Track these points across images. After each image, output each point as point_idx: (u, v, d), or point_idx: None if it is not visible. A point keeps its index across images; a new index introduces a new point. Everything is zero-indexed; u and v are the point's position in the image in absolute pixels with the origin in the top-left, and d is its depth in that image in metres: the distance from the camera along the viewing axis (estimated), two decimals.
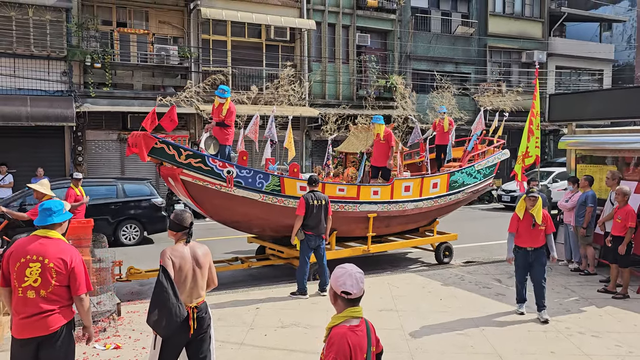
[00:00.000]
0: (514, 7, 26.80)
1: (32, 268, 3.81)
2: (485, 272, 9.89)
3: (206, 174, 8.36)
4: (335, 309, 2.92)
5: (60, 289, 3.89)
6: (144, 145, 7.85)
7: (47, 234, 3.96)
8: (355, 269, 2.86)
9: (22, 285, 3.80)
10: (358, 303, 2.87)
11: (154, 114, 8.05)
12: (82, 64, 17.25)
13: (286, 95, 17.13)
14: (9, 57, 16.40)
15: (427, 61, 24.23)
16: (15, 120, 15.73)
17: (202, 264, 4.26)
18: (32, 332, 3.82)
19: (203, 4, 18.98)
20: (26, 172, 15.81)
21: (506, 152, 12.56)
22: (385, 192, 9.97)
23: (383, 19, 23.11)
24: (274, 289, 8.70)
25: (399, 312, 7.47)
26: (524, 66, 26.93)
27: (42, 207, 4.01)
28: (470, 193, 11.66)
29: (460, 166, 11.51)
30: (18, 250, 3.87)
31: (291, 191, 8.97)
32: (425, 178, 10.66)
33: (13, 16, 16.31)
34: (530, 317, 7.32)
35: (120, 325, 6.78)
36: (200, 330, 4.23)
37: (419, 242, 11.28)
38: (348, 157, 11.97)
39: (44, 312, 3.83)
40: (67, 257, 3.91)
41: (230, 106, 9.03)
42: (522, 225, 7.22)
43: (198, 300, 4.24)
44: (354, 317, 2.84)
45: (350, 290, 2.80)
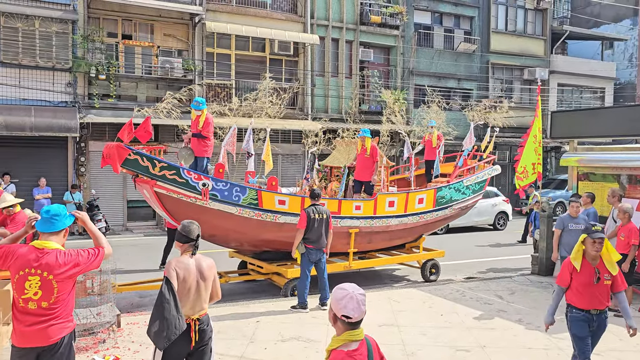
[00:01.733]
0: (516, 24, 26.98)
1: (31, 281, 3.74)
2: (487, 288, 9.86)
3: (181, 186, 8.19)
4: (335, 330, 2.83)
5: (62, 299, 3.86)
6: (117, 156, 7.73)
7: (44, 245, 3.84)
8: (357, 291, 2.76)
9: (22, 297, 3.77)
10: (358, 326, 2.77)
11: (131, 125, 7.98)
12: (86, 75, 17.36)
13: (264, 108, 16.96)
14: (15, 67, 16.51)
15: (429, 77, 24.34)
16: (19, 130, 15.80)
17: (207, 276, 4.26)
18: (33, 342, 3.80)
19: (208, 17, 19.14)
20: (28, 182, 15.85)
21: (497, 168, 12.41)
22: (367, 207, 9.75)
23: (386, 35, 23.27)
24: (274, 302, 8.67)
25: (400, 328, 7.44)
26: (526, 83, 27.05)
27: (48, 214, 3.92)
28: (459, 209, 11.50)
29: (448, 182, 11.37)
30: (17, 261, 3.80)
31: (269, 205, 8.79)
32: (410, 193, 10.45)
33: (19, 27, 16.45)
34: (532, 335, 7.28)
35: (119, 337, 6.76)
36: (201, 342, 4.22)
37: (405, 259, 11.04)
38: (333, 171, 11.76)
39: (45, 322, 3.81)
40: (69, 264, 3.84)
41: (207, 117, 8.91)
42: (579, 279, 5.14)
43: (200, 313, 4.24)
44: (353, 341, 2.75)
45: (351, 314, 2.70)
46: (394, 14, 23.09)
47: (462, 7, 25.38)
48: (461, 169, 11.95)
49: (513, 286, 10.12)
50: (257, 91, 16.99)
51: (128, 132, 7.95)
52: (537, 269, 11.18)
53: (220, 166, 8.93)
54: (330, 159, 11.84)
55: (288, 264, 9.64)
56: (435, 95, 20.58)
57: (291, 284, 9.01)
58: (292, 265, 9.51)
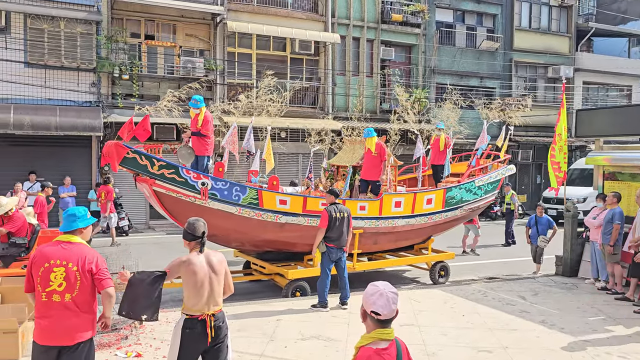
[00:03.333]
0: (540, 22, 26.59)
1: (56, 272, 3.88)
2: (509, 289, 9.73)
3: (180, 185, 8.11)
4: (365, 327, 2.79)
5: (85, 293, 3.96)
6: (115, 154, 7.68)
7: (69, 239, 4.06)
8: (388, 288, 2.73)
9: (47, 290, 3.87)
10: (389, 324, 2.73)
11: (131, 123, 7.95)
12: (110, 75, 17.59)
13: (265, 106, 16.80)
14: (41, 68, 16.80)
15: (451, 75, 24.12)
16: (44, 130, 16.07)
17: (218, 270, 4.30)
18: (55, 341, 3.88)
19: (229, 17, 19.24)
20: (54, 180, 16.07)
21: (512, 168, 12.07)
22: (373, 207, 9.53)
23: (408, 33, 23.13)
24: (294, 300, 8.67)
25: (420, 328, 7.38)
26: (550, 81, 26.65)
27: (67, 214, 4.14)
28: (470, 210, 11.19)
29: (459, 181, 11.09)
30: (41, 255, 3.96)
31: (270, 205, 8.67)
32: (418, 193, 10.19)
33: (45, 29, 16.73)
34: (555, 336, 7.16)
35: (141, 334, 6.82)
36: (217, 339, 4.24)
37: (413, 261, 10.78)
38: (339, 170, 11.40)
39: (67, 318, 3.89)
40: (90, 260, 4.00)
41: (205, 116, 8.79)
42: None
43: (215, 309, 4.26)
44: (382, 339, 2.71)
45: (380, 310, 2.67)
46: (415, 12, 22.93)
47: (485, 4, 25.09)
48: (474, 168, 11.67)
49: (536, 287, 9.97)
50: (258, 89, 16.81)
51: (128, 131, 7.90)
52: (562, 270, 11.01)
53: (220, 165, 8.84)
54: (337, 158, 11.65)
55: (292, 264, 9.55)
56: (454, 93, 20.36)
57: (292, 285, 8.88)
58: (295, 266, 9.43)
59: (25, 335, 6.06)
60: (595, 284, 9.99)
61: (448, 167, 11.62)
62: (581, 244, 10.96)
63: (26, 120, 15.84)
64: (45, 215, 11.41)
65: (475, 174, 11.52)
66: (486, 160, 12.16)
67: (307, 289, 9.01)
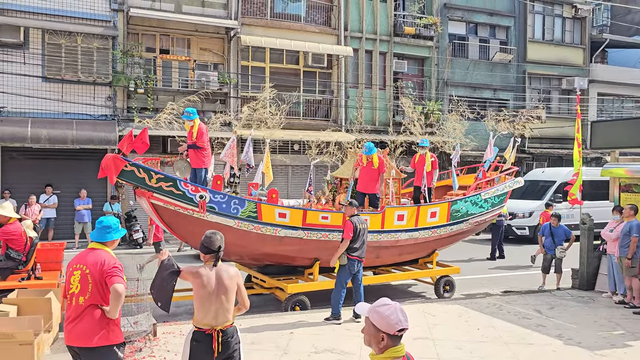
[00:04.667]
0: (554, 33, 26.51)
1: (75, 276, 4.10)
2: (525, 302, 9.62)
3: (178, 198, 8.03)
4: (374, 348, 2.66)
5: (97, 297, 4.08)
6: (113, 167, 7.66)
7: (95, 246, 4.24)
8: (396, 303, 2.66)
9: (69, 292, 4.11)
10: (400, 341, 2.66)
11: (131, 136, 7.93)
12: (126, 89, 17.81)
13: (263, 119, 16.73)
14: (58, 82, 17.07)
15: (464, 87, 24.09)
16: (61, 143, 16.28)
17: (228, 286, 4.26)
18: (75, 341, 4.05)
19: (243, 31, 19.43)
20: (70, 193, 16.30)
21: (519, 180, 11.79)
22: (375, 220, 9.32)
23: (420, 46, 23.17)
24: (307, 313, 8.65)
25: (435, 341, 7.32)
26: (564, 93, 26.51)
27: (101, 224, 4.28)
28: (475, 224, 10.96)
29: (464, 194, 10.88)
30: (71, 261, 4.23)
31: (269, 218, 8.54)
32: (421, 207, 10.01)
33: (63, 44, 17.01)
34: (572, 350, 7.06)
35: (155, 346, 6.84)
36: (224, 354, 4.21)
37: (417, 275, 10.59)
38: (342, 182, 11.17)
39: (81, 320, 4.03)
40: (102, 262, 4.11)
41: (199, 127, 8.66)
42: None
43: (225, 324, 4.22)
44: (395, 358, 2.62)
45: (405, 325, 2.59)
46: (428, 25, 22.99)
47: (498, 17, 25.10)
48: (480, 181, 11.44)
49: (552, 300, 9.85)
50: (257, 101, 16.77)
51: (128, 144, 7.88)
52: (578, 283, 10.87)
53: (218, 178, 8.75)
54: (340, 170, 11.52)
55: (293, 278, 9.45)
56: (460, 104, 20.28)
57: (292, 299, 8.78)
58: (296, 280, 9.34)
59: (41, 347, 6.10)
60: (612, 298, 9.85)
61: (456, 182, 11.35)
62: (598, 257, 10.83)
63: (43, 134, 16.08)
64: None
65: (481, 187, 11.33)
66: (493, 172, 11.95)
67: (307, 304, 8.89)
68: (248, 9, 19.95)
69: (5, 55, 16.48)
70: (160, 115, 14.33)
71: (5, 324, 6.10)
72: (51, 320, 6.82)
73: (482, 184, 11.43)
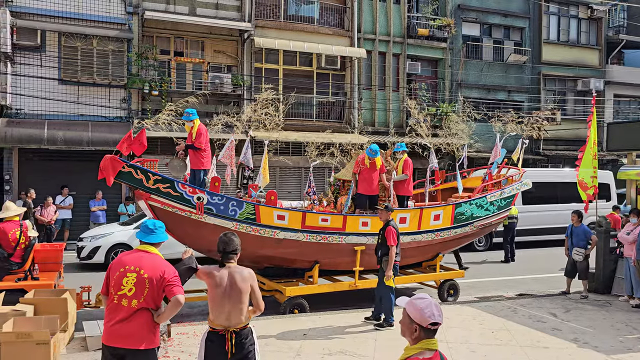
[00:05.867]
0: (569, 34, 26.28)
1: (128, 278, 4.10)
2: (540, 306, 9.54)
3: (175, 199, 7.98)
4: (409, 340, 2.81)
5: (150, 301, 4.13)
6: (110, 169, 7.62)
7: (146, 248, 4.29)
8: (431, 298, 2.81)
9: (118, 293, 4.10)
10: (434, 335, 2.80)
11: (130, 137, 7.91)
12: (140, 91, 17.96)
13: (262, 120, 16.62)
14: (74, 84, 17.25)
15: (478, 89, 23.97)
16: (77, 145, 16.45)
17: (241, 288, 4.27)
18: (119, 342, 4.07)
19: (256, 34, 19.50)
20: (85, 194, 16.46)
21: (527, 183, 11.51)
22: (376, 223, 9.11)
23: (434, 47, 23.10)
24: (321, 315, 8.64)
25: (449, 344, 7.28)
26: (580, 94, 26.26)
27: (145, 225, 4.37)
28: (481, 227, 10.75)
29: (470, 197, 10.72)
30: (119, 261, 4.22)
31: (267, 220, 8.45)
32: (424, 209, 9.81)
33: (79, 47, 17.20)
34: (588, 355, 6.98)
35: (170, 347, 6.88)
36: (238, 355, 4.22)
37: (420, 279, 10.38)
38: (345, 184, 10.89)
39: (134, 324, 4.07)
40: (161, 269, 4.17)
41: (199, 128, 8.57)
42: None
43: (238, 326, 4.24)
44: (429, 349, 2.76)
45: (439, 320, 2.74)
46: (441, 27, 22.91)
47: (512, 18, 24.95)
48: (487, 183, 11.24)
49: (568, 304, 9.76)
50: (256, 102, 16.69)
51: (127, 145, 7.87)
52: (594, 286, 10.75)
53: (216, 179, 8.67)
54: (343, 172, 11.33)
55: (293, 280, 9.38)
56: (467, 105, 20.10)
57: (291, 302, 8.70)
58: (296, 283, 9.26)
59: (57, 346, 6.16)
60: (629, 301, 9.72)
61: (460, 184, 11.16)
62: (614, 260, 10.69)
63: (59, 136, 16.26)
64: None
65: (488, 189, 11.11)
66: (500, 175, 11.68)
67: (306, 307, 8.81)
68: (261, 11, 20.02)
69: (22, 58, 16.70)
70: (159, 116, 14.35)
71: (23, 324, 6.18)
72: (67, 320, 6.89)
73: (488, 186, 11.22)
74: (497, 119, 19.09)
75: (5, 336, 5.80)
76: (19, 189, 16.16)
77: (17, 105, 16.69)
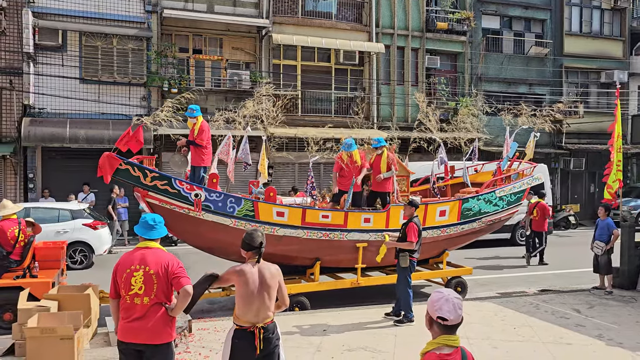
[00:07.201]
0: (592, 26, 25.80)
1: (136, 277, 4.15)
2: (562, 302, 9.40)
3: (173, 197, 7.90)
4: (431, 334, 2.84)
5: (161, 296, 4.20)
6: (108, 166, 7.58)
7: (147, 244, 4.32)
8: (453, 294, 2.78)
9: (129, 293, 4.15)
10: (455, 331, 2.78)
11: (128, 134, 7.89)
12: (160, 89, 18.11)
13: (259, 116, 16.43)
14: (95, 83, 17.48)
15: (498, 83, 23.69)
16: (98, 143, 16.66)
17: (270, 284, 4.29)
18: (136, 338, 4.14)
19: (274, 30, 19.52)
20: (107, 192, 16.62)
21: (538, 177, 11.18)
22: (379, 219, 9.01)
23: (453, 41, 22.88)
24: (340, 311, 8.63)
25: (470, 340, 7.21)
26: (603, 86, 25.79)
27: (144, 221, 4.38)
28: (489, 223, 10.45)
29: (477, 192, 10.36)
30: (123, 262, 4.25)
31: (266, 217, 8.33)
32: (429, 205, 9.57)
33: (99, 46, 17.41)
34: (613, 351, 6.86)
35: (191, 342, 6.93)
36: (266, 350, 4.24)
37: (426, 276, 10.13)
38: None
39: (148, 318, 4.14)
40: (165, 262, 4.22)
41: (202, 125, 8.55)
42: None
43: (265, 321, 4.26)
44: (447, 345, 2.75)
45: (446, 316, 2.72)
46: (461, 20, 22.67)
47: (533, 10, 24.58)
48: (495, 178, 10.93)
49: (591, 299, 9.60)
50: (254, 98, 16.59)
51: (126, 142, 7.85)
52: (619, 282, 10.56)
53: (214, 176, 8.51)
54: None
55: (296, 278, 9.26)
56: (479, 98, 19.79)
57: (292, 299, 8.32)
58: (299, 280, 9.18)
59: (80, 341, 6.25)
60: None
61: (467, 177, 10.91)
62: (639, 256, 10.49)
63: (81, 134, 16.48)
64: None
65: (497, 184, 10.81)
66: (512, 169, 11.35)
67: (307, 304, 8.74)
68: (279, 7, 20.03)
69: (44, 58, 16.95)
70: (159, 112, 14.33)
71: (47, 319, 6.29)
72: (90, 315, 6.98)
73: (497, 181, 10.92)
74: (508, 111, 18.68)
75: (30, 331, 5.90)
76: (43, 187, 16.43)
77: (40, 105, 16.96)
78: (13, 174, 16.74)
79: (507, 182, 10.88)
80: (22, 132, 16.09)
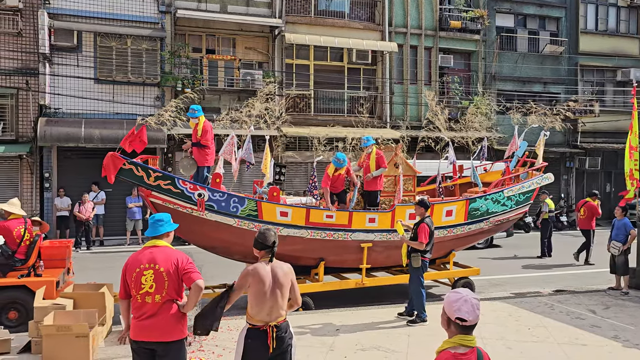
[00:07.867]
0: (608, 23, 25.52)
1: (146, 276, 4.17)
2: (578, 302, 9.31)
3: (176, 196, 7.91)
4: (447, 334, 2.84)
5: (173, 293, 4.22)
6: (111, 166, 7.60)
7: (155, 243, 4.32)
8: (471, 295, 2.77)
9: (140, 292, 4.17)
10: (471, 331, 2.78)
11: (133, 133, 7.91)
12: (173, 89, 18.21)
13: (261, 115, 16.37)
14: (109, 83, 17.62)
15: (512, 81, 23.51)
16: (113, 143, 16.74)
17: (283, 283, 4.28)
18: (148, 336, 4.16)
19: (287, 30, 19.54)
20: (121, 191, 16.77)
21: (549, 176, 10.88)
22: (384, 219, 8.96)
23: (467, 40, 22.75)
24: (353, 311, 8.62)
25: (484, 340, 7.17)
26: (620, 85, 25.49)
27: (153, 220, 4.39)
28: (497, 223, 10.32)
29: (485, 192, 10.25)
30: (132, 262, 4.26)
31: (270, 217, 8.30)
32: (436, 205, 9.42)
33: (114, 46, 17.55)
34: (630, 352, 6.78)
35: (204, 340, 6.96)
36: (279, 349, 4.24)
37: (433, 276, 9.96)
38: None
39: (160, 316, 4.16)
40: (174, 259, 4.24)
41: (204, 125, 8.56)
42: None
43: (278, 320, 4.25)
44: (463, 345, 2.76)
45: (465, 316, 2.72)
46: (474, 18, 22.53)
47: (548, 8, 24.36)
48: (504, 177, 10.81)
49: (607, 300, 9.50)
50: (255, 98, 16.56)
51: (130, 142, 7.87)
52: (635, 282, 10.43)
53: (218, 176, 8.51)
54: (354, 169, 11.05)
55: (301, 277, 9.14)
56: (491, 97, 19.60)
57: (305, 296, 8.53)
58: (304, 280, 9.10)
59: (95, 339, 6.31)
60: None
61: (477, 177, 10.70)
62: None
63: (96, 134, 16.62)
64: None
65: (505, 184, 10.68)
66: (522, 168, 11.21)
67: (311, 304, 8.68)
68: (292, 7, 20.05)
69: (60, 58, 17.12)
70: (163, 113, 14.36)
71: (63, 317, 6.36)
72: (105, 314, 7.05)
73: (506, 180, 10.79)
74: (517, 110, 18.51)
75: (46, 329, 5.98)
76: (58, 186, 16.60)
77: (56, 105, 17.13)
78: (29, 173, 16.94)
79: (516, 181, 10.76)
80: (38, 132, 16.26)
